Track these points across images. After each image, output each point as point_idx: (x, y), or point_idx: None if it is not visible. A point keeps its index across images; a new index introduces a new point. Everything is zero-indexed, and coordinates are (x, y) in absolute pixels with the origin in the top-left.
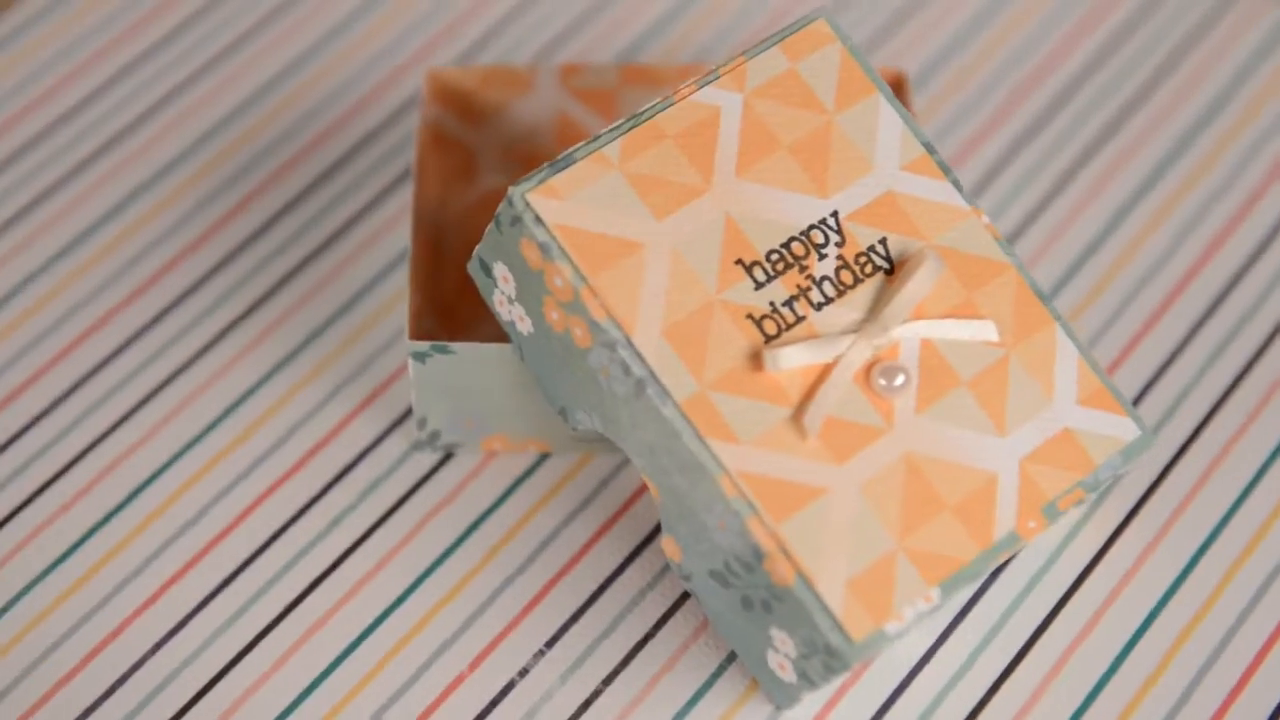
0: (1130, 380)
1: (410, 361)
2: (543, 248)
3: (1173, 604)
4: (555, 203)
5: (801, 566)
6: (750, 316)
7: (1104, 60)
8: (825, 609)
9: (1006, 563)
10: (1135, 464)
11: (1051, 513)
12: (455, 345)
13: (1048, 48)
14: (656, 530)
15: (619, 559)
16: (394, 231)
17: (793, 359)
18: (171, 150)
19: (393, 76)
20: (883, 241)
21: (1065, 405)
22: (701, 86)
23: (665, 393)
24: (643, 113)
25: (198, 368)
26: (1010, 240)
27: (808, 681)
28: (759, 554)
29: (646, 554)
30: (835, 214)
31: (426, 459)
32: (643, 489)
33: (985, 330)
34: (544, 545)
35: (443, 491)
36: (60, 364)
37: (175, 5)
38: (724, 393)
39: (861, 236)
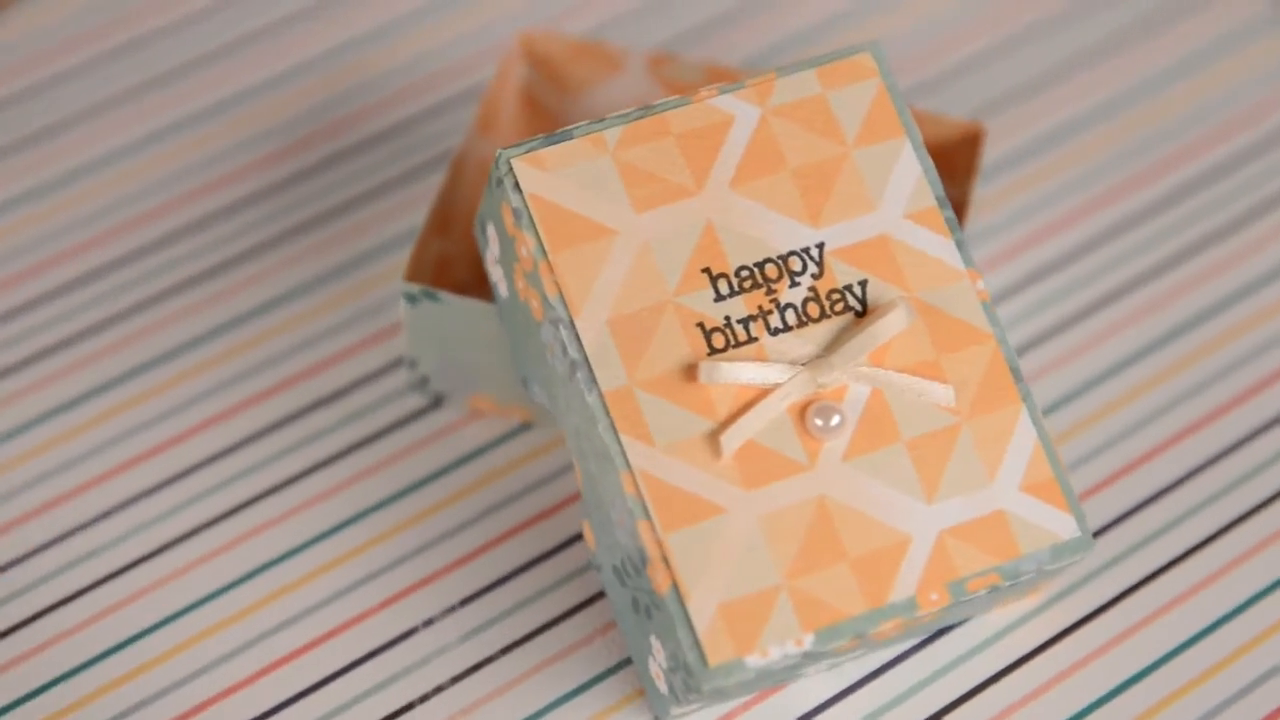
0: (1107, 505)
1: (402, 301)
2: (515, 214)
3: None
4: (538, 173)
5: (678, 579)
6: (701, 325)
7: (1179, 199)
8: (690, 626)
9: (948, 630)
10: (1067, 565)
11: (957, 590)
12: (443, 295)
13: (1137, 167)
14: None
15: (556, 541)
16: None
17: (728, 375)
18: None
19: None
20: (862, 283)
21: (1006, 487)
22: (723, 93)
23: (593, 380)
24: (656, 106)
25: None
26: (1028, 347)
27: (674, 696)
28: (644, 558)
29: (583, 543)
30: (821, 245)
31: (414, 403)
32: None
33: (941, 394)
34: (490, 511)
35: (416, 437)
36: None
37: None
38: (651, 393)
39: (841, 274)
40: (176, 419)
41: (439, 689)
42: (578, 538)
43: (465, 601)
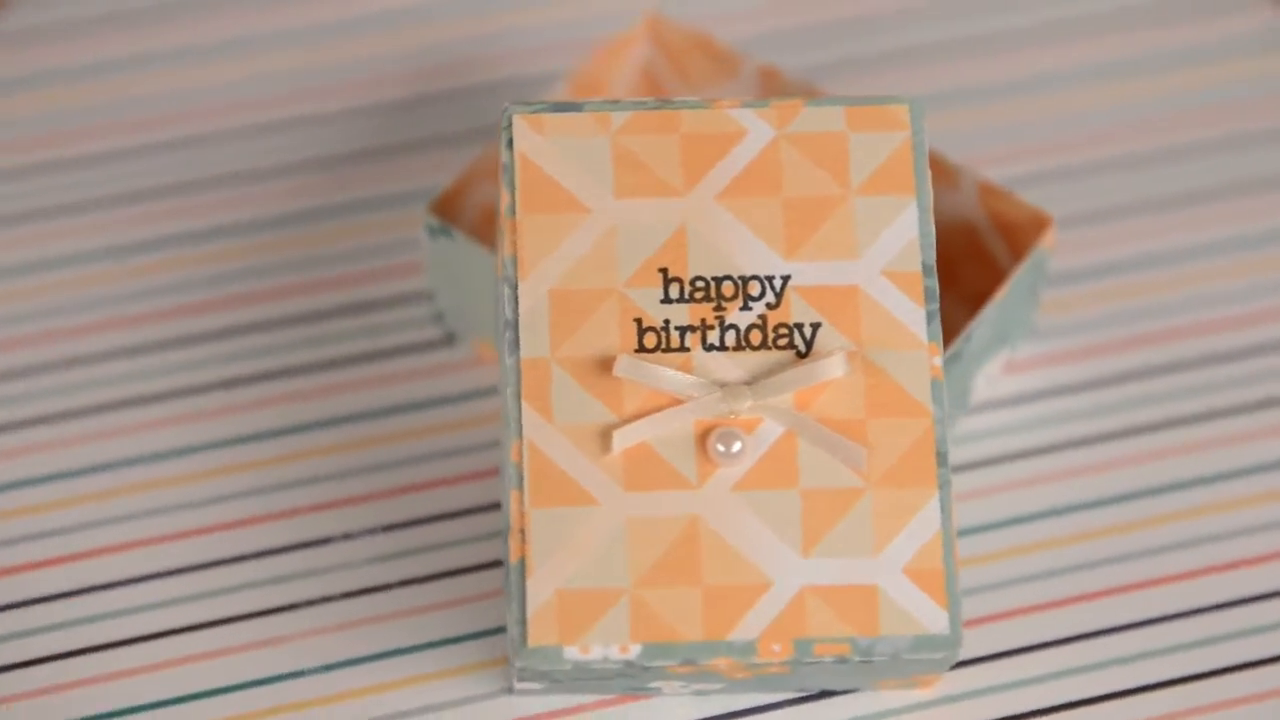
0: (1003, 636)
1: (424, 230)
2: (504, 168)
3: None
4: (534, 135)
5: (528, 553)
6: (638, 321)
7: (1210, 365)
8: (523, 601)
9: (834, 694)
10: (930, 660)
11: (803, 649)
12: (456, 233)
13: (1191, 319)
14: None
15: (497, 498)
16: None
17: (642, 375)
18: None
19: None
20: (815, 325)
21: (889, 565)
22: (746, 106)
23: (516, 344)
24: (674, 101)
25: None
26: (1002, 460)
27: (512, 666)
28: (508, 526)
29: None
30: (787, 278)
31: (429, 335)
32: None
33: (853, 453)
34: (456, 453)
35: (417, 365)
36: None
37: None
38: (566, 372)
39: (798, 311)
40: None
41: (326, 599)
42: None
43: (390, 528)
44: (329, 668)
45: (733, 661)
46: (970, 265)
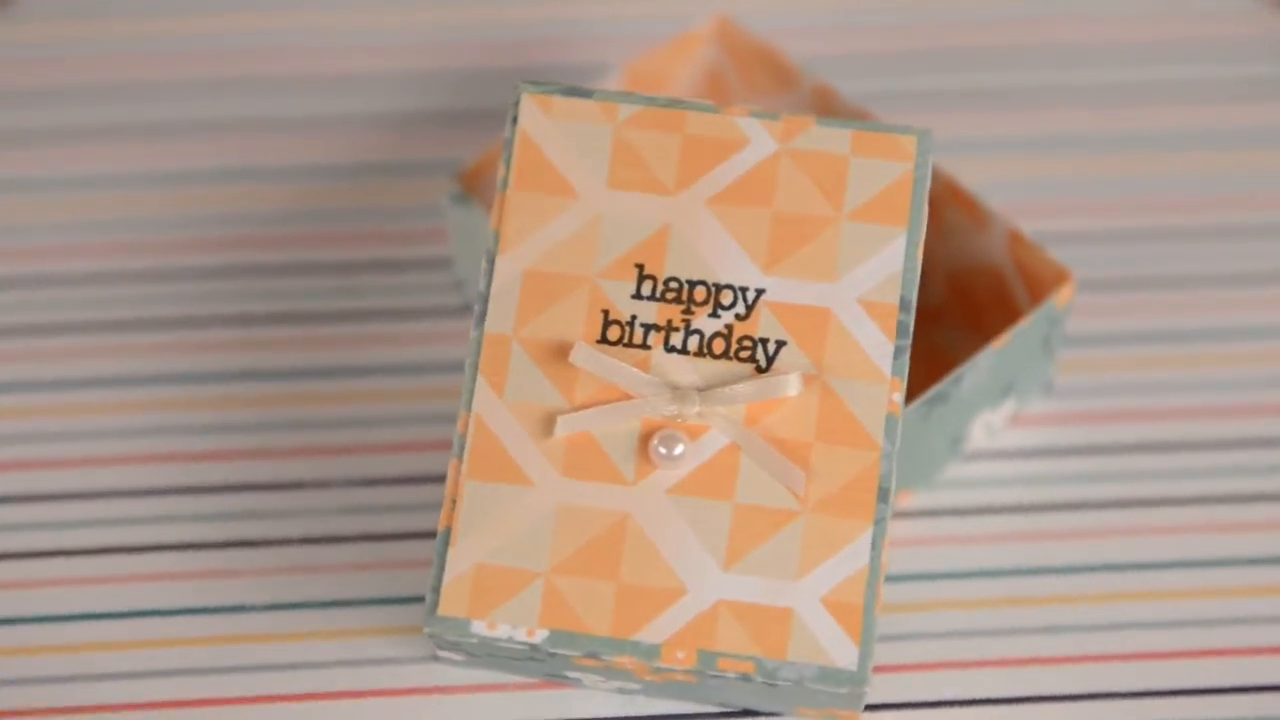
0: (920, 687)
1: (447, 198)
2: (505, 143)
3: None
4: (540, 114)
5: (455, 522)
6: (605, 312)
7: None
8: (441, 570)
9: (758, 714)
10: (835, 693)
11: (706, 661)
12: (474, 203)
13: (1207, 400)
14: None
15: None
16: None
17: (596, 366)
18: None
19: None
20: (780, 344)
21: (809, 592)
22: (754, 116)
23: (482, 318)
24: (684, 102)
25: None
26: (983, 512)
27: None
28: (445, 494)
29: None
30: (761, 292)
31: (447, 300)
32: None
33: (791, 476)
34: (428, 421)
35: (428, 329)
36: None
37: None
38: (526, 352)
39: (766, 326)
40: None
41: (286, 541)
42: None
43: (349, 484)
44: (274, 607)
45: (637, 662)
46: (995, 311)
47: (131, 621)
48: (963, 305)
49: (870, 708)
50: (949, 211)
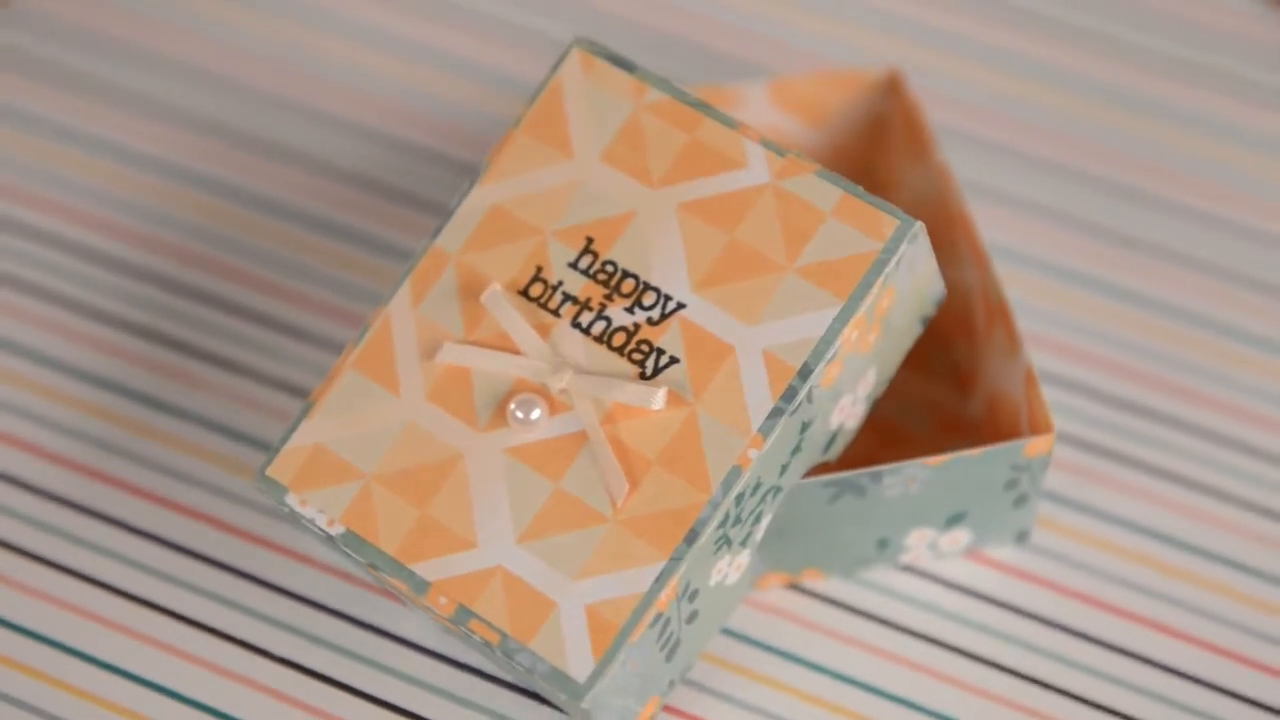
0: None
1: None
2: (540, 85)
3: None
4: (579, 72)
5: (321, 400)
6: (539, 268)
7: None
8: (288, 436)
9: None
10: (554, 693)
11: (461, 615)
12: None
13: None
14: None
15: None
16: None
17: (498, 313)
18: None
19: None
20: (674, 360)
21: (578, 595)
22: (764, 146)
23: (438, 232)
24: (709, 108)
25: None
26: (870, 619)
27: None
28: (330, 371)
29: None
30: (681, 306)
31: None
32: None
33: (615, 484)
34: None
35: (278, 404)
36: None
37: None
38: (455, 275)
39: (668, 340)
40: None
41: (183, 346)
42: None
43: (298, 338)
44: (159, 406)
45: (407, 589)
46: (1009, 438)
47: None
48: (992, 424)
49: None
50: (997, 329)
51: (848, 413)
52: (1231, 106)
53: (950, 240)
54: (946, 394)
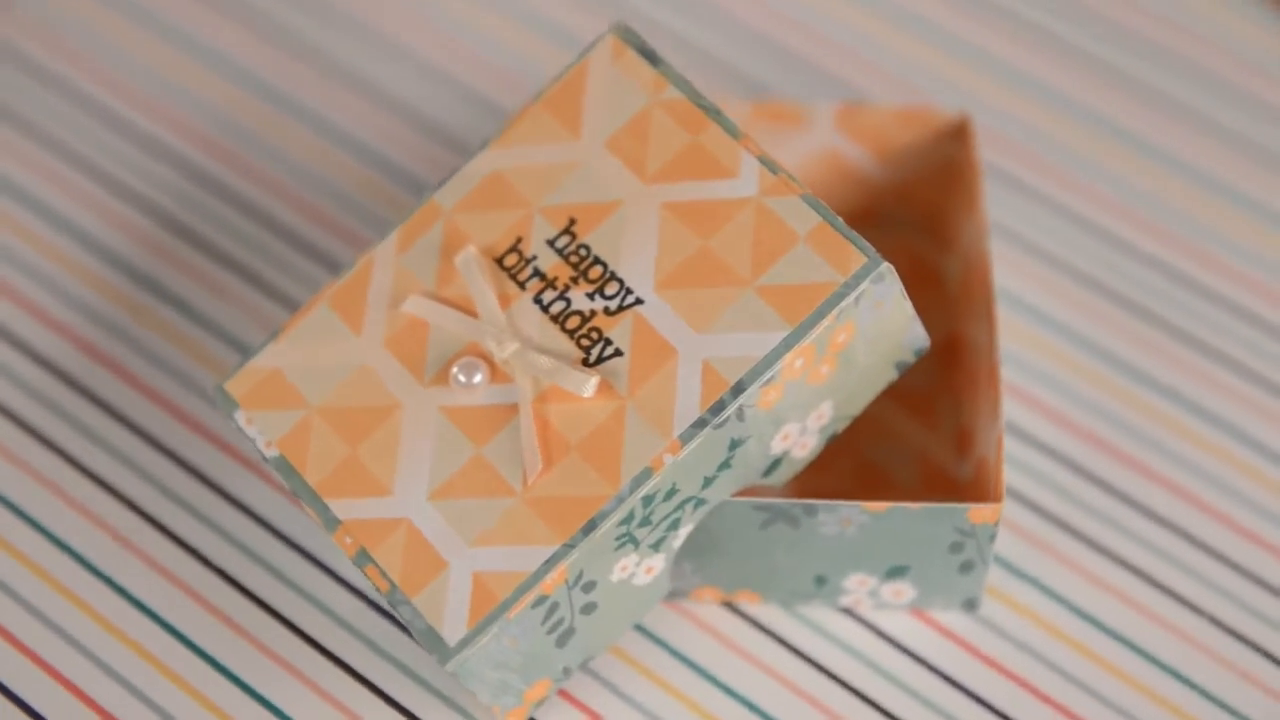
0: None
1: None
2: (571, 64)
3: None
4: (607, 57)
5: (290, 327)
6: (517, 240)
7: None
8: (246, 361)
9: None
10: (425, 646)
11: (361, 558)
12: None
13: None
14: None
15: None
16: None
17: (466, 276)
18: None
19: None
20: (618, 352)
21: (469, 561)
22: (759, 160)
23: (439, 185)
24: (721, 115)
25: None
26: (796, 658)
27: None
28: (306, 301)
29: None
30: (639, 302)
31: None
32: None
33: (529, 463)
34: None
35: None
36: None
37: None
38: (441, 232)
39: (618, 333)
40: None
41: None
42: None
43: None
44: (140, 281)
45: (320, 523)
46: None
47: None
48: (976, 488)
49: None
50: (991, 391)
51: (795, 441)
52: None
53: (968, 294)
54: (943, 451)
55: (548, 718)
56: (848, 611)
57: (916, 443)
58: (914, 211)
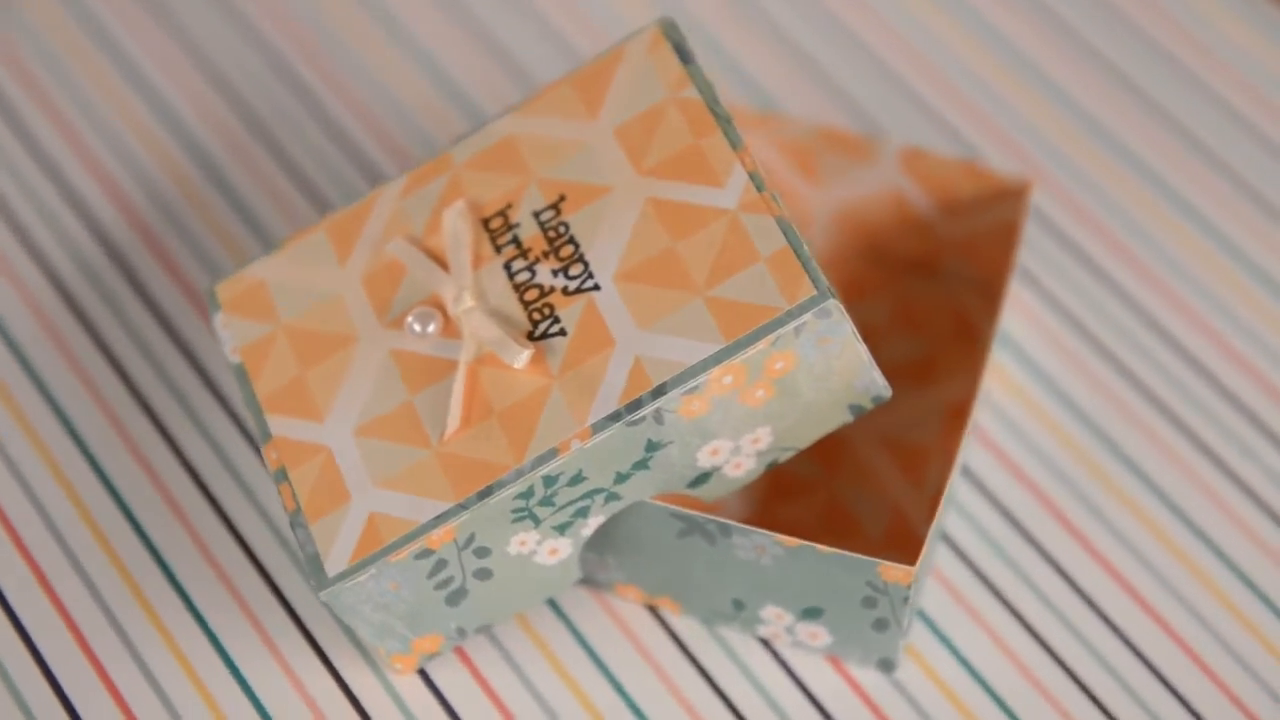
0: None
1: None
2: (606, 51)
3: None
4: (643, 47)
5: (283, 248)
6: (506, 206)
7: None
8: (241, 268)
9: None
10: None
11: (279, 476)
12: None
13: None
14: None
15: None
16: None
17: (450, 231)
18: None
19: None
20: (561, 331)
21: (368, 501)
22: (750, 175)
23: (458, 140)
24: (731, 124)
25: None
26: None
27: None
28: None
29: None
30: (597, 288)
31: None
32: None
33: (449, 419)
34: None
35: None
36: None
37: None
38: (444, 185)
39: (569, 312)
40: None
41: None
42: None
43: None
44: (198, 159)
45: (257, 433)
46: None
47: None
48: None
49: None
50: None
51: (725, 459)
52: None
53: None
54: (920, 509)
55: (437, 672)
56: (766, 644)
57: (895, 496)
58: (972, 268)
